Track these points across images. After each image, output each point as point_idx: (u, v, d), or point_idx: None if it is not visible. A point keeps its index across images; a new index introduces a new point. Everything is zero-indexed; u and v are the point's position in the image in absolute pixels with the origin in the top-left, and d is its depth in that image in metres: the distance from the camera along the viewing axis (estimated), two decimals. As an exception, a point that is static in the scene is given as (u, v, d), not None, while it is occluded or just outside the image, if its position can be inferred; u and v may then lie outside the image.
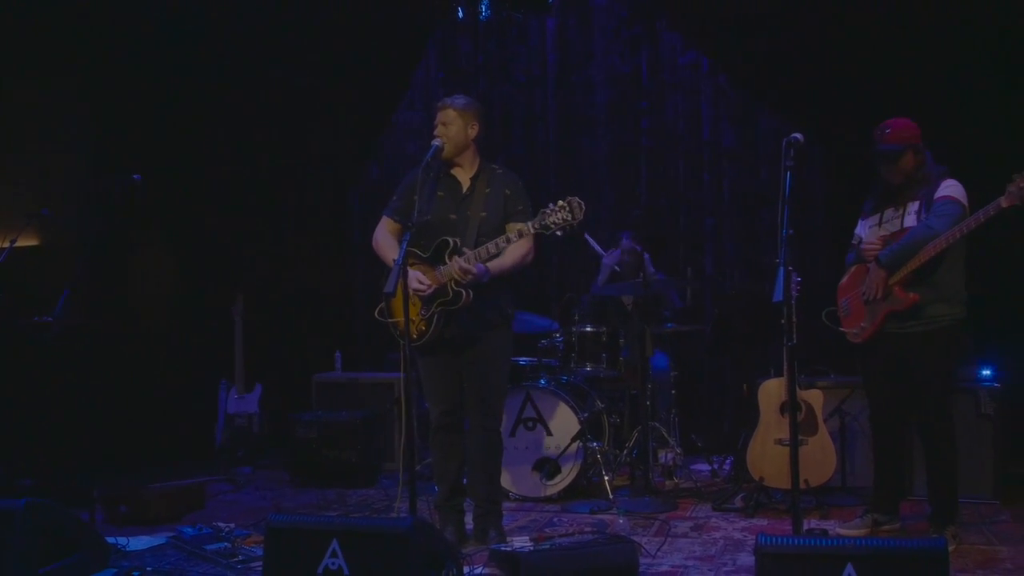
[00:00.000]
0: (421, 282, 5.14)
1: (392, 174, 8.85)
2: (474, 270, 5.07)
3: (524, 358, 7.38)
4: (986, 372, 6.39)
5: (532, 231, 5.03)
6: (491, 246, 5.08)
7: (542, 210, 5.00)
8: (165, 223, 8.71)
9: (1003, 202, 4.82)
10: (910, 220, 5.22)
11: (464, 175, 5.43)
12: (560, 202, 4.94)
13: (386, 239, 5.48)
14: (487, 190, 5.39)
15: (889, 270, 5.16)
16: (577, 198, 4.93)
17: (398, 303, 5.14)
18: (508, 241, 5.08)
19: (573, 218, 4.92)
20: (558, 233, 4.99)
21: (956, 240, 4.98)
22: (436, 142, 5.25)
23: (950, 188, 5.14)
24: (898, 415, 5.44)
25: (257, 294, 8.67)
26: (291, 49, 8.68)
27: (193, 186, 8.70)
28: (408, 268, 5.07)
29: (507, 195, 5.39)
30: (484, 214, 5.32)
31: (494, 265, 5.18)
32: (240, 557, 5.19)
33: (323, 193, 9.23)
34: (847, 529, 5.51)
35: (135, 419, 7.99)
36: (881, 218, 5.40)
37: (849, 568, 3.44)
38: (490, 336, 5.36)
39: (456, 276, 5.10)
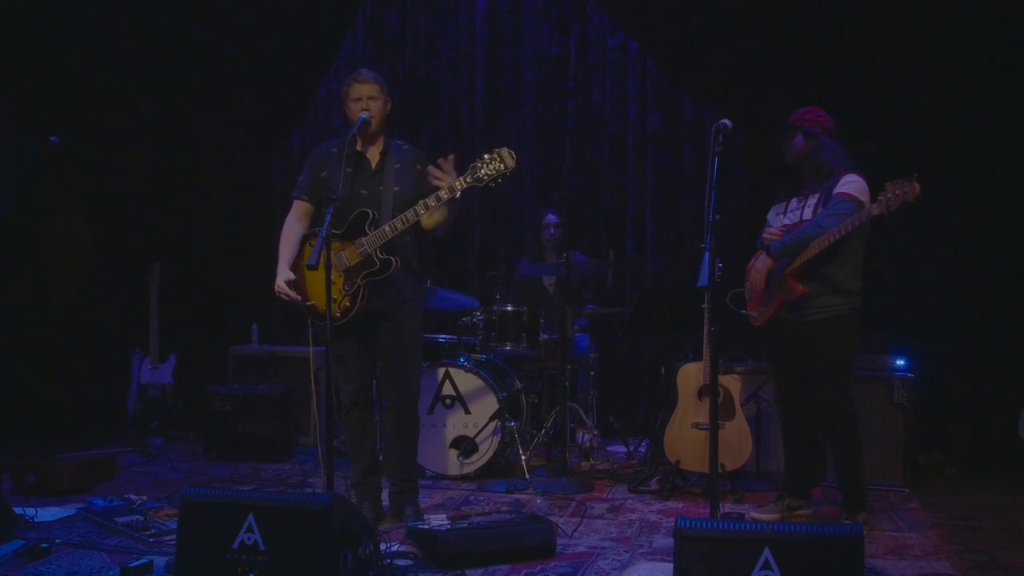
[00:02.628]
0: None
1: (315, 146, 8.76)
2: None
3: (444, 336, 7.37)
4: (900, 362, 6.52)
5: (465, 185, 4.96)
6: (419, 207, 5.02)
7: (472, 164, 4.96)
8: (81, 186, 8.53)
9: (873, 210, 4.86)
10: (808, 213, 5.27)
11: (374, 151, 5.39)
12: (487, 155, 4.93)
13: (289, 231, 5.41)
14: (397, 165, 5.35)
15: (777, 260, 5.24)
16: (507, 148, 4.92)
17: (313, 284, 5.09)
18: (438, 199, 5.01)
19: (506, 168, 4.91)
20: (491, 185, 4.96)
21: (839, 239, 5.01)
22: (364, 115, 5.20)
23: (848, 185, 5.14)
24: (801, 399, 5.49)
25: (174, 262, 8.54)
26: (217, 14, 8.52)
27: (111, 150, 8.52)
28: (310, 246, 4.99)
29: (418, 171, 5.35)
30: (397, 189, 5.28)
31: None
32: (152, 530, 5.09)
33: (244, 162, 9.08)
34: (761, 513, 5.58)
35: (45, 387, 7.83)
36: (787, 207, 5.46)
37: (767, 552, 3.47)
38: (403, 312, 5.34)
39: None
